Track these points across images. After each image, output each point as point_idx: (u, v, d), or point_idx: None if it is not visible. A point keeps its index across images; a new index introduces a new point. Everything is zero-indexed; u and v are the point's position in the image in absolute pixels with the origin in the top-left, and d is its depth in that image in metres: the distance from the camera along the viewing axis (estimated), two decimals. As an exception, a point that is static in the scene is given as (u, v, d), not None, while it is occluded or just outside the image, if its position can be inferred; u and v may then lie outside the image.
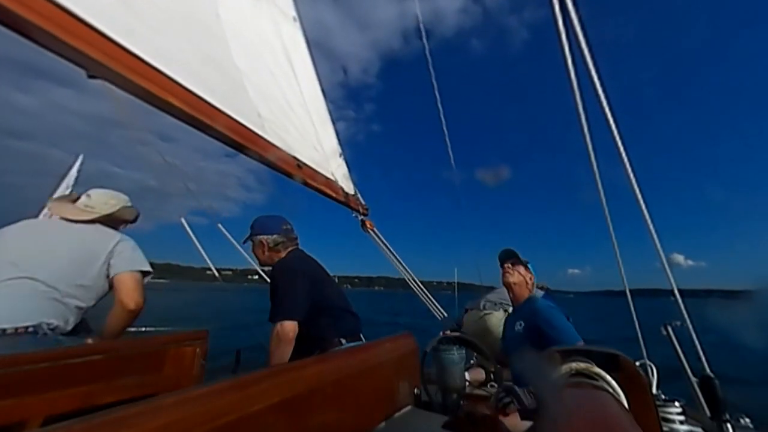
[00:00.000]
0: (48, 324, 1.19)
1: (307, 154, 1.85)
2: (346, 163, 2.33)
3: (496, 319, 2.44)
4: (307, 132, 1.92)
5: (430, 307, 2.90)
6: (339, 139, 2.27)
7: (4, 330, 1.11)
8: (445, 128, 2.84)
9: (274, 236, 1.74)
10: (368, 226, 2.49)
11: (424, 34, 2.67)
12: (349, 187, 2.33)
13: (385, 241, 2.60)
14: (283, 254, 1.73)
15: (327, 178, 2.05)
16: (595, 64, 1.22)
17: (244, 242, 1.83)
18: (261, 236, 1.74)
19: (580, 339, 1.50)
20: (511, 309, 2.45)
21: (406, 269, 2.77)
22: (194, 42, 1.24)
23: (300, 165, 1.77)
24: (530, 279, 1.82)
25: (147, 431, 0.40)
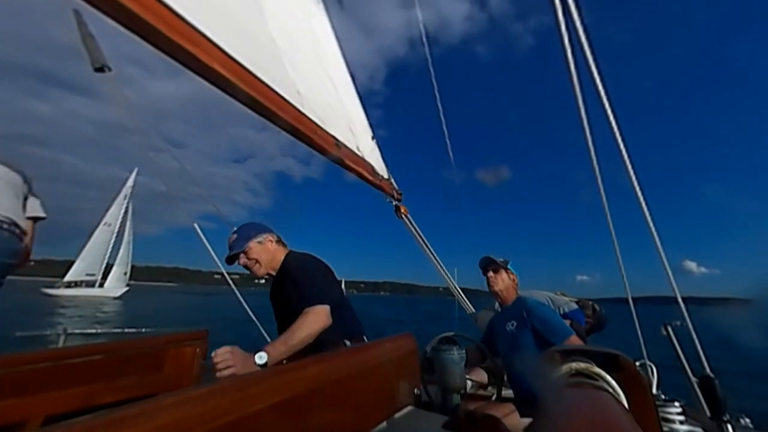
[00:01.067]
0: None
1: (343, 134, 1.80)
2: (379, 147, 2.26)
3: None
4: (341, 113, 1.86)
5: (460, 302, 2.86)
6: (370, 122, 2.20)
7: None
8: (445, 128, 2.84)
9: (273, 234, 1.63)
10: (402, 211, 2.44)
11: (424, 37, 2.68)
12: (382, 170, 2.26)
13: (418, 229, 2.54)
14: (284, 252, 1.64)
15: (364, 160, 1.99)
16: (597, 67, 1.22)
17: (240, 254, 1.56)
18: (264, 234, 1.61)
19: (573, 333, 1.53)
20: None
21: (436, 259, 2.70)
22: (234, 14, 1.19)
23: (339, 144, 1.72)
24: (514, 280, 1.86)
25: (147, 431, 0.40)
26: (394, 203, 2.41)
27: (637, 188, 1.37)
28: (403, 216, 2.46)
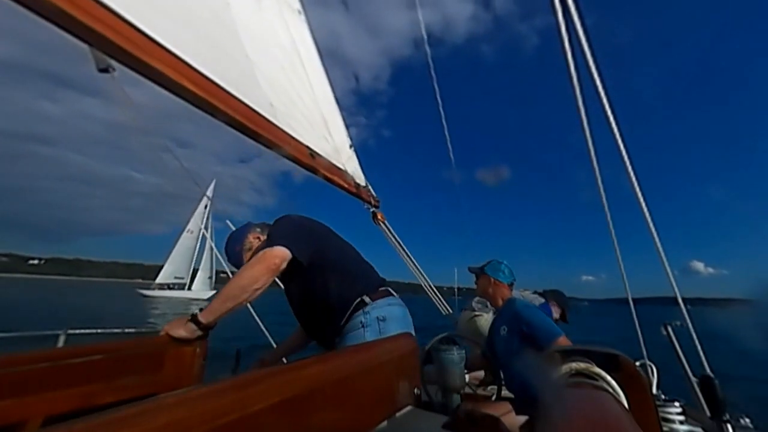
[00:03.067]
0: None
1: (318, 144, 1.84)
2: (357, 154, 2.31)
3: (485, 321, 2.48)
4: (317, 123, 1.90)
5: (435, 302, 2.95)
6: (348, 131, 2.26)
7: None
8: (446, 132, 2.87)
9: (257, 228, 1.47)
10: (379, 218, 2.50)
11: (425, 38, 2.69)
12: (360, 178, 2.32)
13: (395, 234, 2.62)
14: None
15: (339, 169, 2.04)
16: (597, 68, 1.22)
17: (231, 263, 1.47)
18: (245, 239, 1.44)
19: (561, 333, 1.52)
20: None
21: (413, 262, 2.80)
22: (205, 30, 1.22)
23: (313, 154, 1.75)
24: (493, 282, 1.87)
25: (147, 431, 0.40)
26: (371, 210, 2.48)
27: (637, 189, 1.37)
28: (381, 222, 2.53)
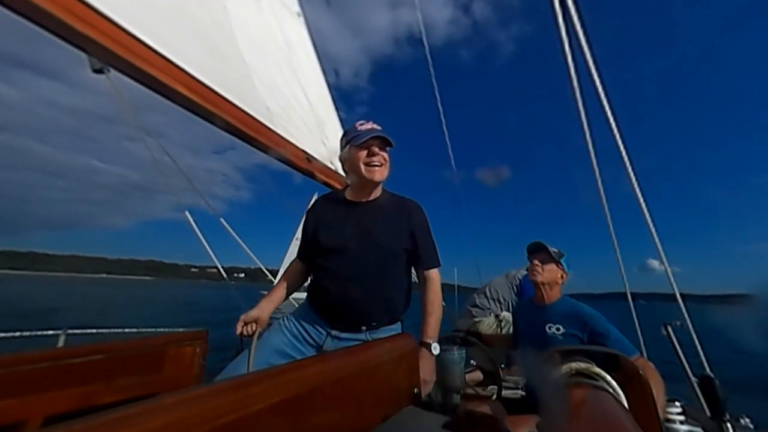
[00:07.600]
0: None
1: (315, 148, 1.84)
2: None
3: (486, 326, 2.47)
4: (313, 126, 1.91)
5: None
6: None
7: None
8: (445, 128, 2.86)
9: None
10: None
11: (424, 35, 2.68)
12: None
13: None
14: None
15: (335, 172, 2.03)
16: (596, 65, 1.22)
17: (388, 145, 1.30)
18: None
19: (637, 352, 1.28)
20: (503, 313, 2.47)
21: None
22: (202, 35, 1.24)
23: (310, 159, 1.75)
24: (562, 276, 1.61)
25: (147, 431, 0.40)
26: None
27: (637, 188, 1.37)
28: None
